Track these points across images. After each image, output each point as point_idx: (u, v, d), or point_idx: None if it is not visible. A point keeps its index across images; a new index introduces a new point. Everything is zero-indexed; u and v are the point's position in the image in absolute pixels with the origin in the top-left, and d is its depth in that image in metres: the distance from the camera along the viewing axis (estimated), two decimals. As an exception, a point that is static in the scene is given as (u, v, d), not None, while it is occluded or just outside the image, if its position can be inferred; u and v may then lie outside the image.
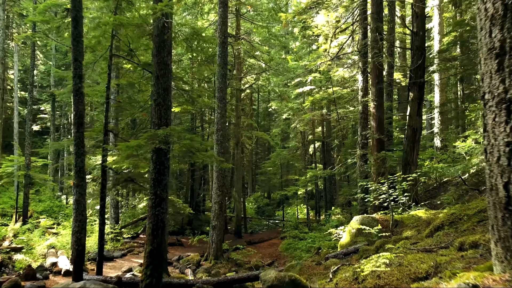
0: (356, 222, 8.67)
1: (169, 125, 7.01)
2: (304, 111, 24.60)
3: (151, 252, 6.68)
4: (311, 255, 15.63)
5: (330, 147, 26.02)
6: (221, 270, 13.48)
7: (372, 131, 12.59)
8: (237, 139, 21.67)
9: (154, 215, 6.80)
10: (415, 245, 4.81)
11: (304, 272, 7.08)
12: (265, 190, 39.69)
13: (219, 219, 14.21)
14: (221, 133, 14.36)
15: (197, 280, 8.20)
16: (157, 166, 6.91)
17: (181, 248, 16.71)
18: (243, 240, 20.38)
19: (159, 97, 7.04)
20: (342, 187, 20.14)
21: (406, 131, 12.56)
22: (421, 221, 7.90)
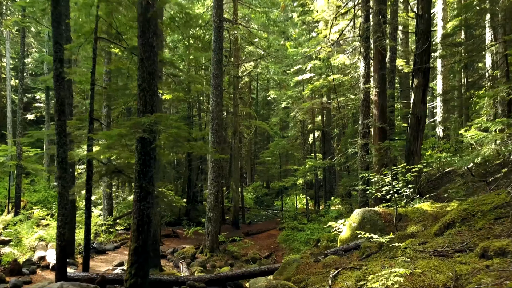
0: (357, 215, 8.17)
1: (155, 112, 6.45)
2: (304, 100, 23.99)
3: (136, 250, 6.18)
4: (310, 247, 15.21)
5: (330, 137, 25.46)
6: (217, 263, 13.06)
7: (374, 120, 12.03)
8: (235, 128, 21.11)
9: (140, 210, 6.28)
10: (424, 245, 4.30)
11: (301, 271, 6.60)
12: (264, 179, 39.27)
13: (215, 211, 13.74)
14: (216, 122, 13.80)
15: (188, 277, 7.73)
16: (142, 157, 6.37)
17: (177, 240, 16.29)
18: (240, 231, 19.98)
19: (143, 82, 6.47)
20: (342, 178, 19.65)
21: (410, 120, 11.99)
22: (426, 215, 7.39)
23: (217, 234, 13.91)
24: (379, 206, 9.00)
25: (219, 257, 13.52)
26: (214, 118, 13.83)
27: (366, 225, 7.84)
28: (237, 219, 21.03)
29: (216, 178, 13.76)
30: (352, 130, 19.19)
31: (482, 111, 20.73)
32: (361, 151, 12.30)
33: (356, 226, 8.05)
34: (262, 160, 29.16)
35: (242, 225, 22.24)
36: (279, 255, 15.65)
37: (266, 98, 40.46)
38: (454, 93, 22.31)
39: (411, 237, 6.13)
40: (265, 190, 35.90)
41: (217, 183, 13.80)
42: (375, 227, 7.69)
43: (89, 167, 8.51)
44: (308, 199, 27.76)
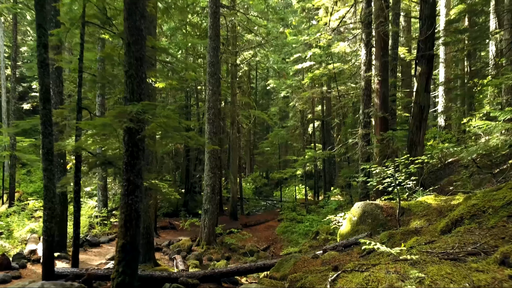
0: (357, 209, 7.82)
1: (143, 100, 6.04)
2: (303, 89, 23.52)
3: (123, 247, 5.83)
4: (309, 240, 14.94)
5: (330, 127, 25.06)
6: (213, 256, 12.78)
7: (375, 109, 11.62)
8: (233, 118, 20.68)
9: (127, 205, 5.92)
10: (431, 245, 3.94)
11: (299, 268, 6.26)
12: (263, 170, 38.96)
13: (211, 203, 13.40)
14: (213, 111, 13.38)
15: (181, 273, 7.41)
16: (129, 148, 5.98)
17: (173, 232, 16.00)
18: (238, 222, 19.70)
19: (130, 68, 6.04)
20: (342, 168, 19.29)
21: (413, 109, 11.58)
22: (430, 209, 7.04)
23: (214, 226, 13.60)
24: (380, 199, 8.65)
25: (216, 250, 13.24)
26: (211, 107, 13.41)
27: (367, 219, 7.50)
28: (235, 210, 20.74)
29: (213, 169, 13.39)
30: (352, 120, 18.79)
31: (485, 100, 20.30)
32: (362, 141, 11.91)
33: (357, 220, 7.71)
34: (261, 150, 28.81)
35: (240, 216, 21.96)
36: (277, 247, 15.38)
37: (266, 88, 39.93)
38: (457, 82, 21.85)
39: (415, 233, 5.77)
40: (264, 181, 35.62)
41: (214, 174, 13.44)
42: (376, 222, 7.35)
43: (78, 158, 8.12)
44: (307, 189, 27.49)
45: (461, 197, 7.16)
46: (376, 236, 6.99)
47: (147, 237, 10.42)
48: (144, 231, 10.40)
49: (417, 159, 7.34)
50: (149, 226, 10.46)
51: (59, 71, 11.23)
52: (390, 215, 7.36)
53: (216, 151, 13.54)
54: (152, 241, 10.60)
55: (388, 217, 7.33)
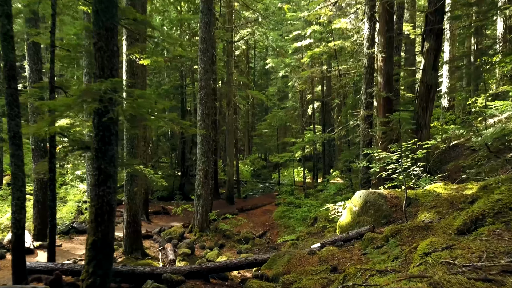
0: (359, 198, 7.13)
1: (115, 77, 5.24)
2: (303, 68, 22.58)
3: (94, 244, 5.15)
4: (307, 226, 14.35)
5: (330, 107, 24.22)
6: (206, 244, 12.20)
7: (378, 88, 10.80)
8: (229, 98, 19.83)
9: (98, 196, 5.20)
10: (451, 252, 3.23)
11: (293, 266, 5.61)
12: (262, 151, 38.29)
13: (204, 188, 12.73)
14: (205, 91, 12.56)
15: (165, 269, 6.77)
16: (100, 133, 5.22)
17: (166, 217, 15.42)
18: (235, 206, 19.12)
19: (100, 39, 5.22)
20: (342, 151, 18.55)
21: (419, 88, 10.79)
22: (440, 200, 6.34)
23: (207, 213, 12.98)
24: (383, 187, 7.95)
25: (209, 237, 12.65)
26: (203, 87, 12.58)
27: (370, 210, 6.82)
28: (231, 194, 20.14)
29: (205, 152, 12.66)
30: (353, 101, 17.96)
31: (492, 80, 19.40)
32: (364, 123, 11.15)
33: (358, 210, 7.02)
34: (259, 132, 28.02)
35: (237, 200, 21.38)
36: (274, 233, 14.81)
37: (264, 67, 38.89)
38: (462, 61, 20.89)
39: (425, 229, 5.09)
40: (262, 163, 34.98)
41: (207, 158, 12.72)
42: (379, 213, 6.67)
43: (51, 143, 7.39)
44: (306, 171, 26.85)
45: (474, 185, 6.46)
46: (380, 229, 6.32)
47: (134, 225, 9.79)
48: (131, 219, 9.77)
49: (426, 144, 6.59)
50: (135, 214, 9.81)
51: (36, 47, 10.37)
52: (395, 206, 6.67)
53: (209, 134, 12.78)
54: (140, 229, 9.97)
55: (393, 208, 6.64)
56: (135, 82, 9.61)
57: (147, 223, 14.60)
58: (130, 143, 9.65)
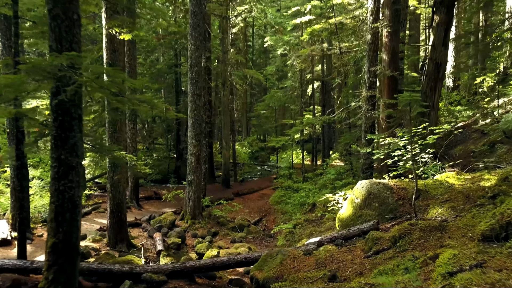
0: (361, 189, 6.39)
1: (77, 51, 4.41)
2: (302, 46, 21.55)
3: (54, 247, 4.44)
4: (305, 212, 13.72)
5: (330, 87, 23.30)
6: (199, 232, 11.58)
7: (383, 67, 9.94)
8: (224, 78, 18.90)
9: (59, 192, 4.46)
10: (483, 274, 2.51)
11: (286, 269, 4.91)
12: (260, 133, 37.49)
13: (196, 173, 12.01)
14: (196, 69, 11.67)
15: (145, 268, 6.10)
16: (59, 117, 4.43)
17: (158, 203, 14.77)
18: (231, 190, 18.48)
19: (55, 5, 4.37)
20: (343, 133, 17.71)
21: (427, 66, 9.92)
22: (453, 192, 5.61)
23: (200, 199, 12.30)
24: (388, 176, 7.21)
25: (201, 225, 12.01)
26: (193, 65, 11.69)
27: (373, 202, 6.09)
28: (227, 178, 19.46)
29: (197, 136, 11.88)
30: (355, 80, 17.06)
31: (501, 58, 18.44)
32: (366, 104, 10.32)
33: (360, 203, 6.30)
34: (257, 113, 27.13)
35: (233, 183, 20.73)
36: (270, 219, 14.19)
37: (263, 46, 37.70)
38: (470, 38, 19.87)
39: (439, 230, 4.36)
40: (261, 144, 34.24)
41: (198, 141, 11.95)
42: (384, 206, 5.95)
43: (18, 128, 6.60)
44: (305, 153, 26.12)
45: (491, 176, 5.71)
46: (385, 225, 5.61)
47: (118, 215, 9.11)
48: (115, 209, 9.08)
49: (439, 129, 5.81)
50: (119, 203, 9.11)
51: (8, 21, 9.43)
52: (402, 198, 5.94)
53: (201, 116, 11.97)
54: (124, 219, 9.29)
55: (400, 201, 5.91)
56: (116, 60, 8.75)
57: (137, 209, 13.96)
58: (112, 127, 8.86)
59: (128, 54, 13.74)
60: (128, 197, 14.38)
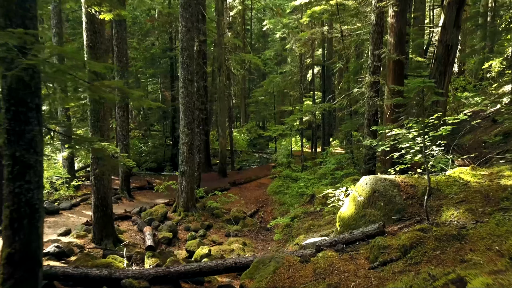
0: (365, 186, 5.76)
1: (31, 29, 3.71)
2: (302, 29, 20.66)
3: (10, 258, 3.82)
4: (303, 204, 13.14)
5: (331, 73, 22.49)
6: (192, 225, 11.02)
7: (388, 50, 9.20)
8: (220, 62, 18.10)
9: (14, 195, 3.82)
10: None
11: (280, 280, 4.31)
12: (259, 119, 36.76)
13: (189, 164, 11.39)
14: (187, 53, 10.93)
15: (126, 272, 5.52)
16: (11, 107, 3.76)
17: (151, 193, 14.19)
18: (227, 180, 17.89)
19: (3, -28, 3.66)
20: (344, 121, 17.04)
21: (436, 49, 9.21)
22: (470, 191, 4.98)
23: (193, 190, 11.71)
24: (393, 170, 6.56)
25: (195, 217, 11.45)
26: (185, 48, 10.94)
27: (378, 201, 5.47)
28: (224, 167, 18.85)
29: (189, 124, 11.21)
30: (357, 65, 16.29)
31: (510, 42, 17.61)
32: (370, 91, 9.62)
33: (364, 201, 5.67)
34: (255, 99, 26.34)
35: (230, 172, 20.15)
36: (267, 211, 13.64)
37: (262, 30, 36.68)
38: (478, 20, 18.99)
39: (458, 240, 3.74)
40: (260, 131, 33.55)
41: (191, 130, 11.28)
42: (391, 206, 5.32)
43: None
44: (304, 140, 25.45)
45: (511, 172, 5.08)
46: (392, 227, 5.00)
47: (103, 209, 8.50)
48: (99, 203, 8.47)
49: (454, 119, 5.14)
50: (104, 196, 8.49)
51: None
52: (411, 197, 5.31)
53: (193, 102, 11.27)
54: (110, 213, 8.69)
55: (408, 200, 5.29)
56: (98, 42, 8.02)
57: (128, 200, 13.38)
58: (94, 116, 8.18)
59: (117, 37, 12.97)
60: (119, 187, 13.81)
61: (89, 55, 7.94)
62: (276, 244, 9.96)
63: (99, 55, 8.09)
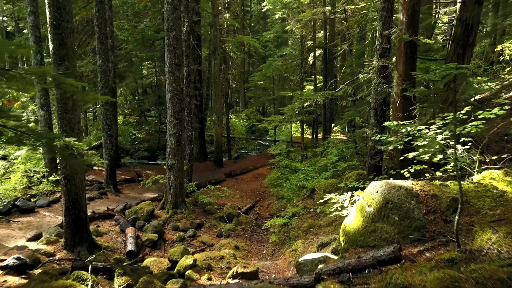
0: (375, 194, 4.75)
1: None
2: (302, 9, 19.38)
3: None
4: (303, 198, 12.19)
5: (333, 56, 21.23)
6: (180, 224, 10.11)
7: (400, 29, 8.05)
8: (215, 45, 16.88)
9: None
10: None
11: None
12: (259, 104, 35.57)
13: (177, 157, 10.38)
14: (173, 34, 9.79)
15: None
16: None
17: (139, 187, 13.21)
18: (223, 170, 16.93)
19: None
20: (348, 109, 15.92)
21: (454, 29, 8.05)
22: (509, 205, 3.96)
23: (182, 185, 10.73)
24: (408, 172, 5.52)
25: (184, 215, 10.52)
26: (171, 28, 9.79)
27: (392, 214, 4.46)
28: (219, 156, 17.86)
29: (177, 113, 10.15)
30: (361, 47, 15.09)
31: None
32: (378, 76, 8.51)
33: (374, 213, 4.66)
34: (253, 84, 25.14)
35: (227, 161, 19.18)
36: (264, 206, 12.70)
37: (262, 11, 35.17)
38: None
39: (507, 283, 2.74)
40: (259, 117, 32.41)
41: (179, 120, 10.22)
42: (408, 222, 4.31)
43: None
44: (305, 126, 24.37)
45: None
46: (410, 250, 4.00)
47: (75, 212, 7.55)
48: (70, 205, 7.51)
49: (490, 113, 4.09)
50: (77, 198, 7.52)
51: None
52: (433, 211, 4.30)
53: (182, 89, 10.18)
54: (84, 216, 7.73)
55: (429, 215, 4.28)
56: (63, 20, 6.90)
57: (114, 195, 12.43)
58: (62, 106, 7.13)
59: (97, 16, 11.79)
60: (104, 180, 12.85)
61: (53, 35, 6.84)
62: (272, 246, 9.04)
63: (65, 35, 6.99)
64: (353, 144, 14.01)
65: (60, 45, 7.00)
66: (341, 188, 9.28)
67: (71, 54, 7.19)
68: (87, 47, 16.94)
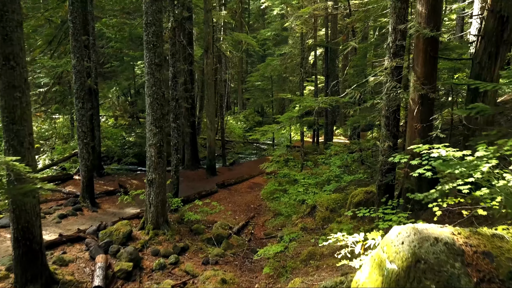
0: (400, 246, 3.42)
1: None
2: (302, 5, 18.08)
3: None
4: (302, 215, 10.88)
5: (336, 55, 19.93)
6: (161, 247, 8.82)
7: (418, 23, 6.73)
8: (207, 43, 15.56)
9: None
10: None
11: None
12: (257, 106, 34.24)
13: (158, 170, 9.07)
14: (153, 29, 8.48)
15: None
16: None
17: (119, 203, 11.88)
18: (216, 179, 15.63)
19: None
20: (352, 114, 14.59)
21: (485, 23, 6.72)
22: None
23: (164, 203, 9.42)
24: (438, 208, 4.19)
25: (167, 236, 9.22)
26: (150, 23, 8.47)
27: (426, 280, 3.13)
28: (212, 164, 16.54)
29: (157, 120, 8.83)
30: (367, 45, 13.77)
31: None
32: (391, 80, 7.18)
33: (399, 273, 3.33)
34: (250, 85, 23.81)
35: (221, 168, 17.86)
36: (259, 223, 11.39)
37: (261, 9, 33.85)
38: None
39: None
40: (258, 118, 31.08)
41: (160, 128, 8.91)
42: (452, 296, 2.98)
43: None
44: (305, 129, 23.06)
45: None
46: None
47: (27, 244, 6.25)
48: (20, 235, 6.20)
49: None
50: (28, 226, 6.22)
51: None
52: (488, 280, 2.98)
53: (162, 92, 8.86)
54: (37, 248, 6.42)
55: (483, 285, 2.94)
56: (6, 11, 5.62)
57: (91, 210, 11.12)
58: (8, 115, 5.83)
59: (71, 10, 10.48)
60: (80, 194, 11.54)
61: (-8, 29, 5.54)
62: (265, 279, 7.72)
63: (10, 28, 5.70)
64: (358, 154, 12.70)
65: (4, 41, 5.71)
66: (346, 216, 7.98)
67: (19, 52, 5.90)
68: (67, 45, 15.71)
